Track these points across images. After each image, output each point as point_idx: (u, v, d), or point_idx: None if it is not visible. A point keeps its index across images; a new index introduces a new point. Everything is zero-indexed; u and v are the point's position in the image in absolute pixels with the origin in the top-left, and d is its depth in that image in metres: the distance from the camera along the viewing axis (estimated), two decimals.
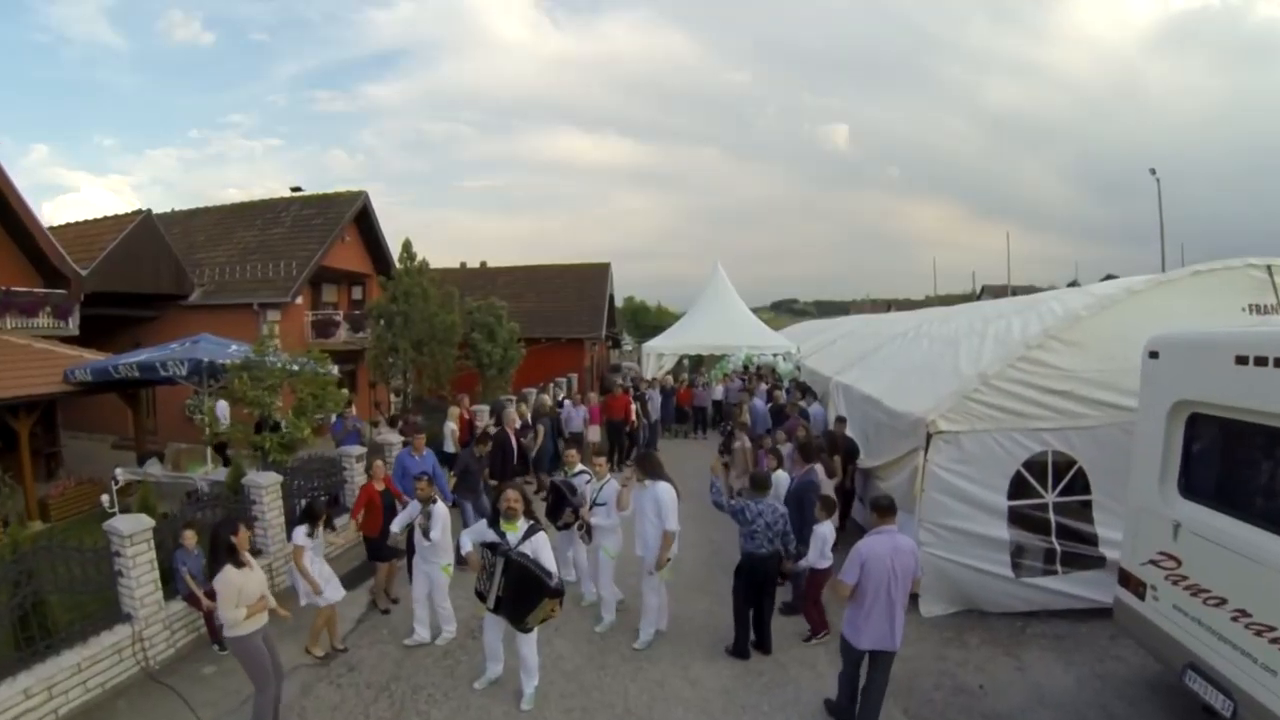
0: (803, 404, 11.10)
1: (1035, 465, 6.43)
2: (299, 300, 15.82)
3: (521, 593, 4.33)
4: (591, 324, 23.78)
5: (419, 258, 14.04)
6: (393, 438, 9.34)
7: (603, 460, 6.41)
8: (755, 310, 20.95)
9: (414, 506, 6.05)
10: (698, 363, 20.49)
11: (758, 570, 5.55)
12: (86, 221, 17.00)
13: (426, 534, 5.73)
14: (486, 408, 12.80)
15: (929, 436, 6.25)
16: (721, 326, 18.05)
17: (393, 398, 13.94)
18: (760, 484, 5.75)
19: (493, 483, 8.68)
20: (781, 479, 7.02)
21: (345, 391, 10.57)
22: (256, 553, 7.36)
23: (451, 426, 10.90)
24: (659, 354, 18.08)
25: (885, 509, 4.69)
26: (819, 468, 6.78)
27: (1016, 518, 6.41)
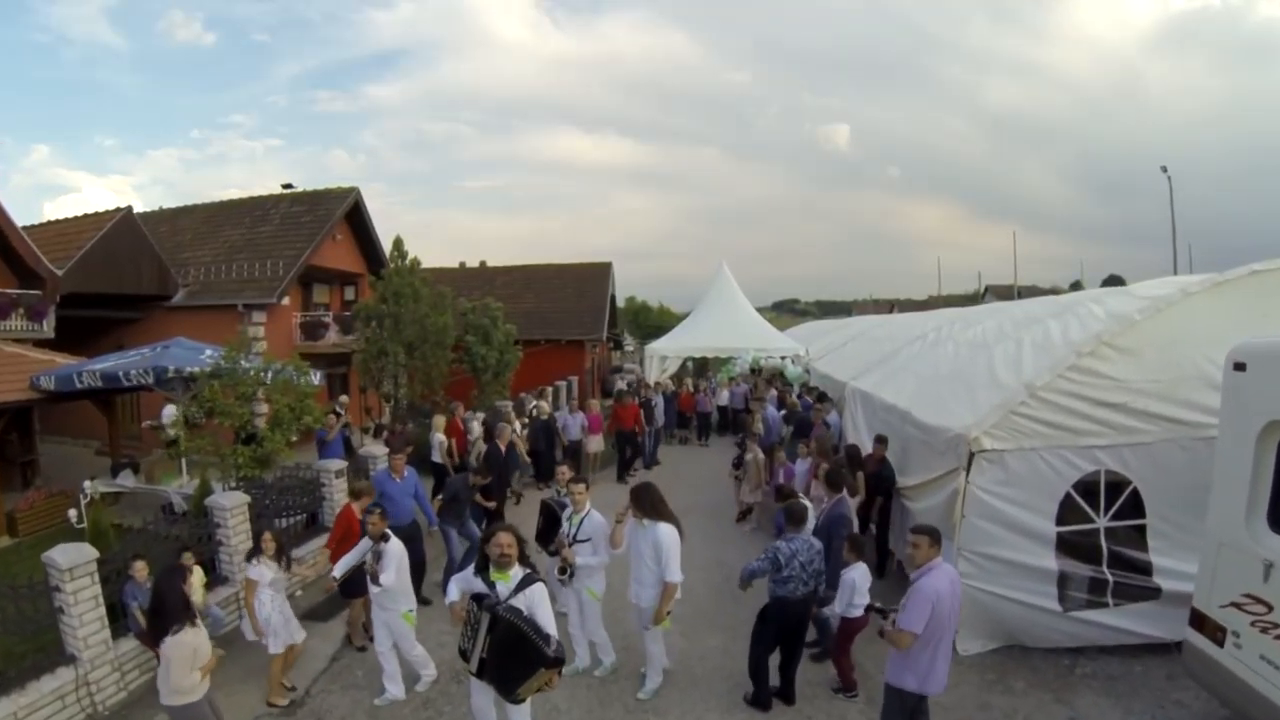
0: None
1: (1085, 486, 5.82)
2: (285, 301, 15.14)
3: (511, 658, 3.59)
4: (592, 325, 23.10)
5: (410, 256, 13.37)
6: (376, 450, 8.66)
7: (582, 488, 5.38)
8: (756, 310, 20.19)
9: (363, 544, 5.17)
10: (702, 365, 19.74)
11: (790, 616, 4.86)
12: (66, 220, 16.36)
13: (376, 579, 4.88)
14: (478, 415, 12.10)
15: (971, 455, 5.59)
16: (727, 328, 17.35)
17: (383, 403, 13.28)
18: (797, 518, 5.00)
19: (490, 504, 8.02)
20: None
21: (346, 398, 9.90)
22: (223, 580, 6.75)
23: (439, 438, 10.20)
24: (662, 356, 17.40)
25: (937, 538, 4.15)
26: (848, 497, 6.10)
27: (1064, 545, 5.79)
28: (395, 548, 5.03)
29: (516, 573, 3.80)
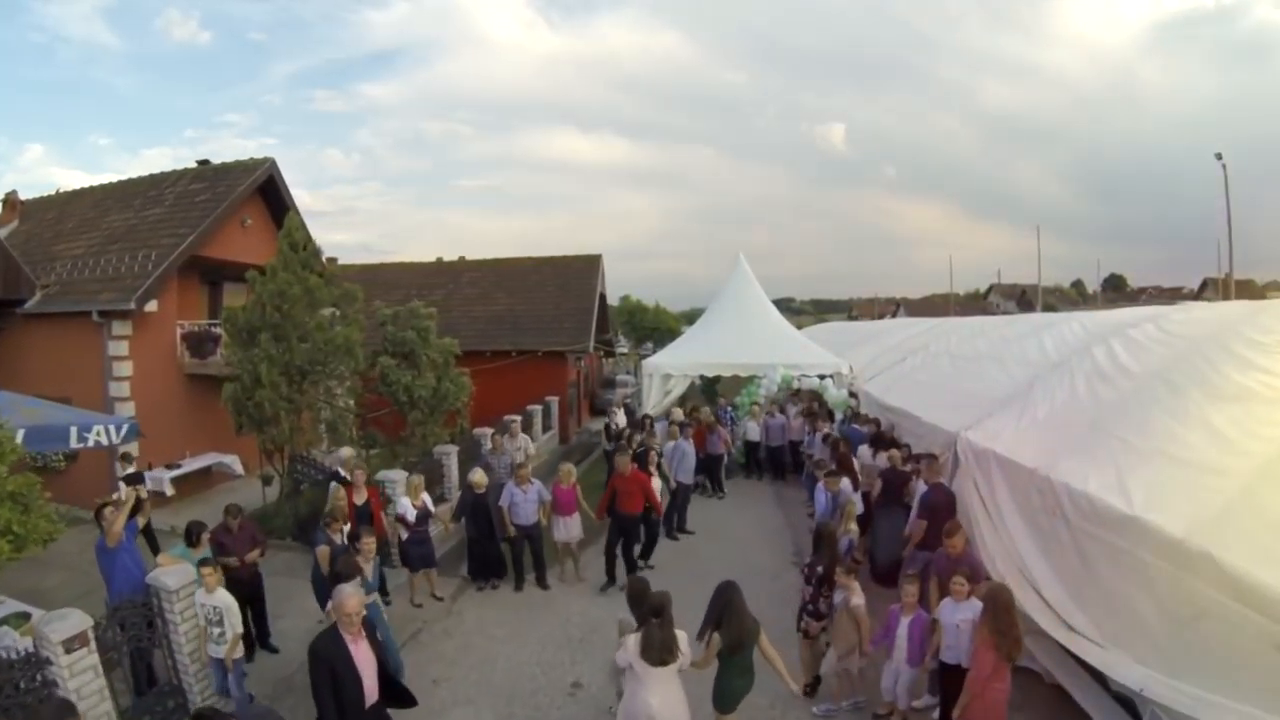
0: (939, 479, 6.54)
1: None
2: (152, 307, 11.21)
3: None
4: (577, 331, 18.99)
5: (308, 243, 9.44)
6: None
7: None
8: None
9: None
10: (712, 384, 15.69)
11: None
12: None
13: None
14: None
15: None
16: (747, 337, 13.47)
17: (271, 458, 8.99)
18: None
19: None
20: None
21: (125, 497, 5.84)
22: None
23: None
24: (665, 375, 13.50)
25: None
26: None
27: None
28: None
29: None
